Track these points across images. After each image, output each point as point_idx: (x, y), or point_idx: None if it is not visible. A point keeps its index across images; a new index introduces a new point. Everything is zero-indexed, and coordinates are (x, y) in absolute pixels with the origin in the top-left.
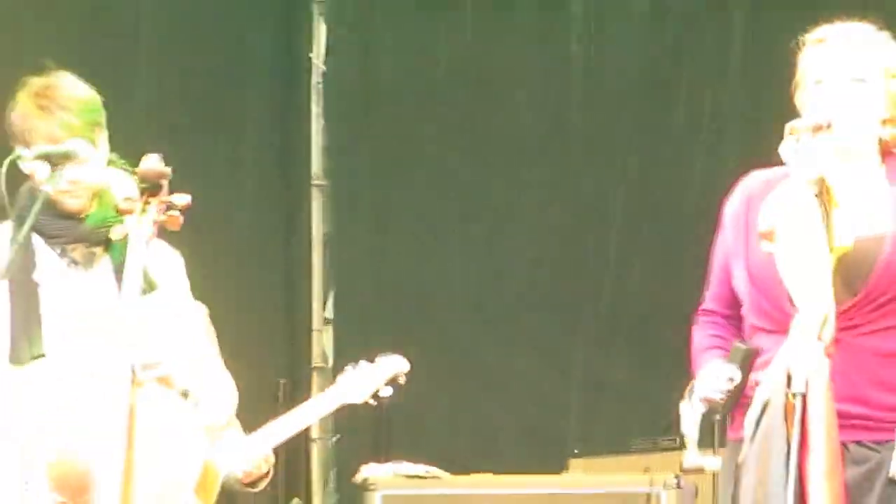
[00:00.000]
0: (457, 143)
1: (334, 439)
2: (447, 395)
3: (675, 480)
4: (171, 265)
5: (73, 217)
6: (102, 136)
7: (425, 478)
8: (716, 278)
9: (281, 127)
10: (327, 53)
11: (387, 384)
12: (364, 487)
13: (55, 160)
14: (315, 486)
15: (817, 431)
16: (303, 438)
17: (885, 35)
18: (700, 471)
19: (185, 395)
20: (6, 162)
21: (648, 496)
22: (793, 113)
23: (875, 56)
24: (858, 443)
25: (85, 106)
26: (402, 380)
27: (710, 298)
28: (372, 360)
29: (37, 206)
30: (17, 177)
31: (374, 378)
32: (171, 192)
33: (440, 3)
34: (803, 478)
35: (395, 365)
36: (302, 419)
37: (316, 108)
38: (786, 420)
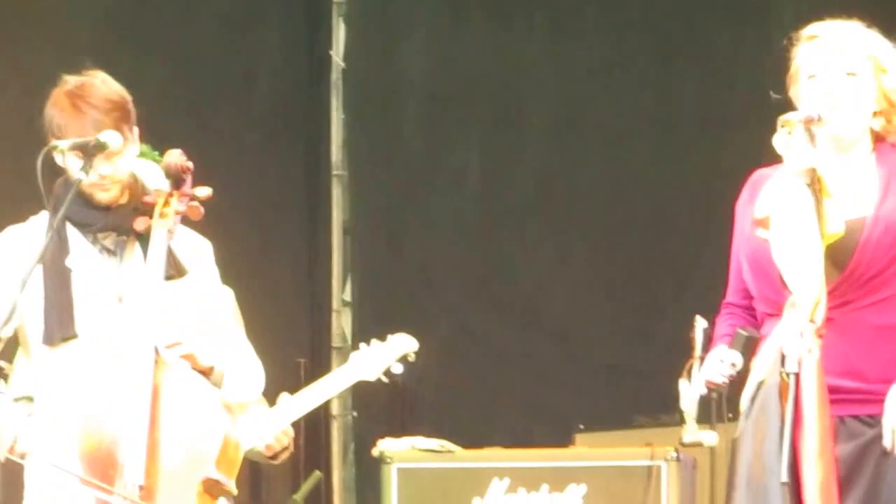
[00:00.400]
0: (467, 135)
1: (353, 416)
2: (460, 374)
3: (674, 454)
4: (200, 252)
5: (104, 208)
6: (132, 132)
7: (439, 451)
8: (732, 272)
9: (303, 121)
10: (346, 51)
11: (398, 361)
12: (381, 461)
13: (89, 150)
14: (335, 459)
15: (809, 409)
16: (323, 415)
17: (874, 31)
18: (698, 445)
19: (211, 371)
20: (43, 151)
21: (650, 469)
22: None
23: (866, 51)
24: (854, 417)
25: (114, 105)
26: (411, 357)
27: (729, 291)
28: (384, 339)
29: (70, 195)
30: (52, 168)
31: (385, 356)
32: (201, 182)
33: (454, 2)
34: (797, 452)
35: (405, 343)
36: (318, 395)
37: (335, 103)
38: (780, 398)
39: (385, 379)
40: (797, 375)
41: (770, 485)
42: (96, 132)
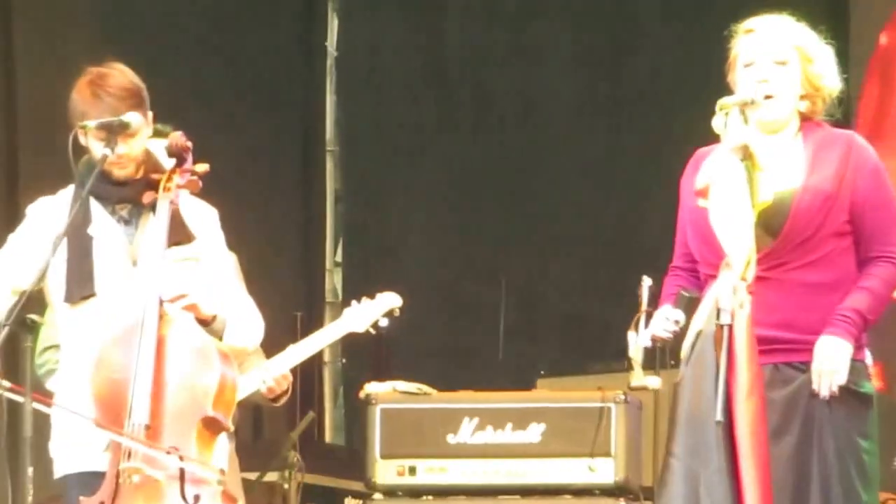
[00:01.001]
0: (442, 115)
1: (342, 362)
2: (436, 326)
3: (623, 397)
4: (207, 219)
5: (121, 183)
6: (146, 116)
7: (417, 394)
8: (678, 239)
9: (301, 102)
10: (338, 41)
11: (384, 316)
12: (366, 402)
13: (114, 129)
14: (326, 401)
15: (741, 357)
16: (316, 362)
17: (803, 25)
18: (644, 389)
19: (213, 319)
20: (73, 132)
21: (601, 409)
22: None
23: (794, 42)
24: (788, 364)
25: (129, 92)
26: (396, 313)
27: (675, 255)
28: (372, 297)
29: (97, 170)
30: (77, 147)
31: (373, 311)
32: (213, 157)
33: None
34: (730, 394)
35: (391, 300)
36: (314, 345)
37: (329, 87)
38: (715, 347)
39: (373, 331)
40: (730, 327)
41: (707, 423)
42: (113, 116)
